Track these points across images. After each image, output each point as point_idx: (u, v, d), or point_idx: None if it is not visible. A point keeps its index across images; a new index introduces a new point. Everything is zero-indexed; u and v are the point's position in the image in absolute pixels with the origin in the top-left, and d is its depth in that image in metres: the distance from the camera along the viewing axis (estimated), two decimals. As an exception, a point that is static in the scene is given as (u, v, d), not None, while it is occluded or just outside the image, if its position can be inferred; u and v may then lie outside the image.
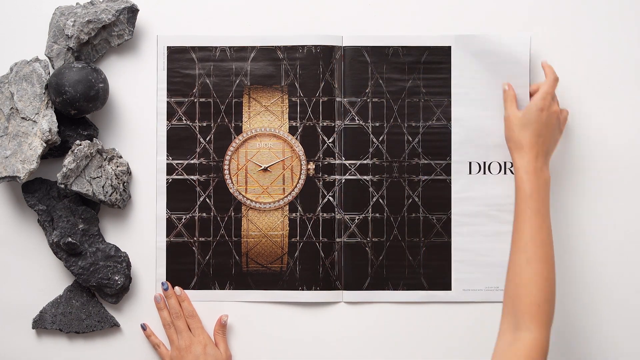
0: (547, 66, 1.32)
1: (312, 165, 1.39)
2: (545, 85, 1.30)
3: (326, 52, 1.38)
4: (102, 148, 1.34)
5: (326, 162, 1.38)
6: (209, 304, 1.38)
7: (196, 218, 1.39)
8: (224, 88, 1.39)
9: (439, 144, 1.38)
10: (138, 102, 1.38)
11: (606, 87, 1.38)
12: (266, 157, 1.39)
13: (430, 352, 1.37)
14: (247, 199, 1.39)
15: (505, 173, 1.37)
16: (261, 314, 1.38)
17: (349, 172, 1.38)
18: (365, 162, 1.38)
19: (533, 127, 1.27)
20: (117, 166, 1.35)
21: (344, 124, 1.38)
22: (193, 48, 1.38)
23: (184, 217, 1.38)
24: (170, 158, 1.38)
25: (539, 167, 1.25)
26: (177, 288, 1.36)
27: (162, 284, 1.35)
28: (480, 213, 1.37)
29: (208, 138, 1.39)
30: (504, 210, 1.36)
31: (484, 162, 1.37)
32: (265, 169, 1.39)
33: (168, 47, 1.38)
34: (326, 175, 1.38)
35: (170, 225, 1.38)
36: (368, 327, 1.38)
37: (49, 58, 1.34)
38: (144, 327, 1.36)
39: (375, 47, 1.37)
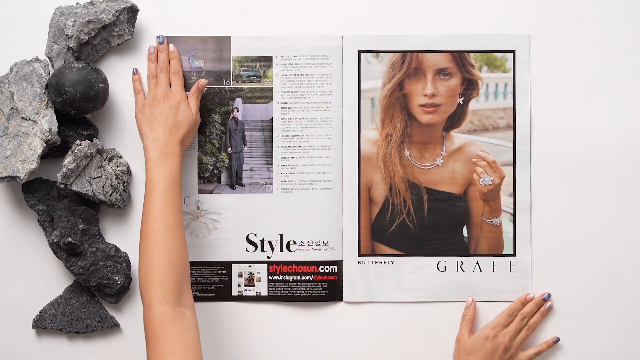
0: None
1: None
2: (500, 316, 1.34)
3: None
4: (102, 148, 1.33)
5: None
6: (209, 304, 1.38)
7: (196, 218, 1.40)
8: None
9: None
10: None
11: (606, 87, 1.38)
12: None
13: (428, 352, 1.38)
14: (247, 199, 1.40)
15: None
16: (261, 313, 1.38)
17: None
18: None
19: (477, 355, 1.32)
20: (117, 166, 1.35)
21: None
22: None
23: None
24: (170, 158, 1.39)
25: None
26: (171, 45, 1.35)
27: (158, 37, 1.35)
28: None
29: (208, 138, 1.40)
30: None
31: None
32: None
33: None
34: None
35: (170, 225, 1.39)
36: (368, 326, 1.38)
37: (49, 58, 1.34)
38: (134, 72, 1.35)
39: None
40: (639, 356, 1.37)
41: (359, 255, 1.38)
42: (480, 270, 1.38)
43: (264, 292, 1.38)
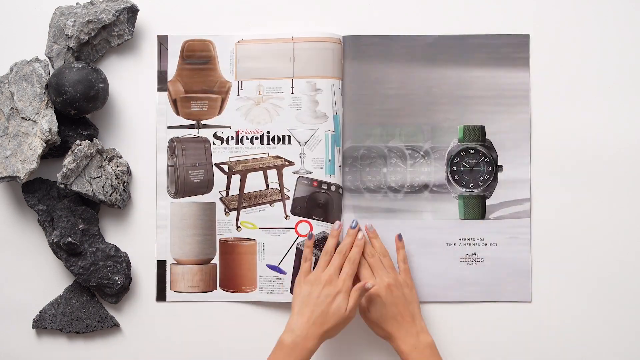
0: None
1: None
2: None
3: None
4: (102, 148, 1.33)
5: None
6: (209, 304, 1.38)
7: (196, 218, 1.39)
8: (224, 88, 1.40)
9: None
10: (138, 102, 1.38)
11: (606, 87, 1.38)
12: (266, 157, 1.41)
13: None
14: (247, 199, 1.40)
15: None
16: (261, 312, 1.38)
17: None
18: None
19: (387, 316, 1.28)
20: (117, 166, 1.35)
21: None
22: (193, 48, 1.39)
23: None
24: (170, 158, 1.39)
25: (416, 340, 1.28)
26: (360, 233, 1.33)
27: (353, 221, 1.33)
28: None
29: (208, 138, 1.40)
30: None
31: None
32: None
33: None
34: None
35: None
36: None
37: (49, 58, 1.34)
38: (309, 237, 1.32)
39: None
40: (638, 355, 1.37)
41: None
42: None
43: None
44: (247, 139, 1.37)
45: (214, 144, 1.37)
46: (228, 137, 1.37)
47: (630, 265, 1.37)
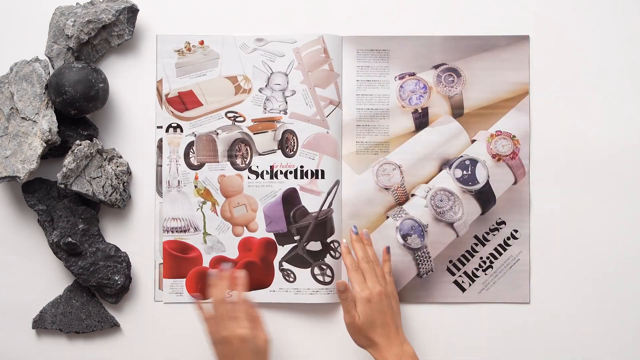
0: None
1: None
2: (353, 278, 1.29)
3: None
4: (102, 148, 1.34)
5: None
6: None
7: (196, 218, 1.40)
8: (224, 88, 1.40)
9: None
10: (138, 102, 1.38)
11: (605, 87, 1.38)
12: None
13: (429, 352, 1.38)
14: (247, 199, 1.40)
15: None
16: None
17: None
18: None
19: (376, 323, 1.26)
20: (117, 166, 1.35)
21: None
22: (193, 48, 1.39)
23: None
24: (170, 158, 1.39)
25: (400, 350, 1.26)
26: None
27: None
28: None
29: (208, 138, 1.40)
30: None
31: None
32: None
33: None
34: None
35: (170, 225, 1.39)
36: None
37: (49, 58, 1.34)
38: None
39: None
40: (638, 354, 1.38)
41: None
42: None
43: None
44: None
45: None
46: None
47: (629, 265, 1.38)
